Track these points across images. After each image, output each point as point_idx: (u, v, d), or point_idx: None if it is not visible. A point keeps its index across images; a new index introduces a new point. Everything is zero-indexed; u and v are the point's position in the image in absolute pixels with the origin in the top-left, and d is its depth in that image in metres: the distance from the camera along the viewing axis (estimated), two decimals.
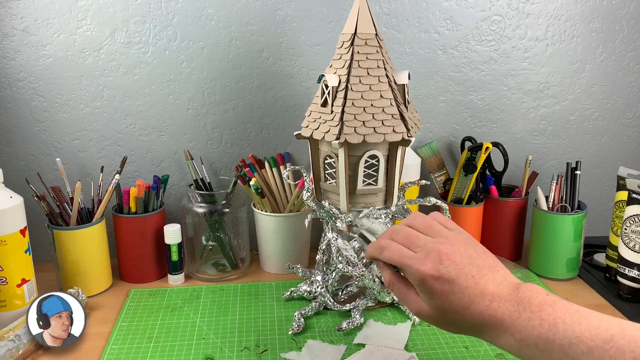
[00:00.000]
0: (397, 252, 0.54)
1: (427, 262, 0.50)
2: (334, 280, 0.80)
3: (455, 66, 1.00)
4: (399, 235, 0.55)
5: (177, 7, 0.92)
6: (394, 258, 0.54)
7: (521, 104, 1.04)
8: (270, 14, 0.94)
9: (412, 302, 0.54)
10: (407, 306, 0.55)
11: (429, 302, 0.51)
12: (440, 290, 0.50)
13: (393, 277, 0.56)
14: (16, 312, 0.77)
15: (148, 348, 0.73)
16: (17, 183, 0.93)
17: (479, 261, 0.51)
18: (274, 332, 0.77)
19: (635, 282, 0.83)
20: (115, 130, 0.97)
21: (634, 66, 1.04)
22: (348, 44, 0.75)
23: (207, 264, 0.94)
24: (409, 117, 0.77)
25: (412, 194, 0.97)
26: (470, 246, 0.52)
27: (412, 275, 0.51)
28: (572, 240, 0.91)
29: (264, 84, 0.97)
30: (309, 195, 0.79)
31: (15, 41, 0.90)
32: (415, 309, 0.53)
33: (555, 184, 0.93)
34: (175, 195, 1.01)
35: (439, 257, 0.50)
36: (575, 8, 1.00)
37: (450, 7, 0.97)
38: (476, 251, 0.52)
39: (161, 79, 0.95)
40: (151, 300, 0.86)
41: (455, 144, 1.05)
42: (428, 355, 0.71)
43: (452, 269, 0.50)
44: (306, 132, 0.77)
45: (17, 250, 0.76)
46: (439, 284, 0.50)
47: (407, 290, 0.54)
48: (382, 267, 0.57)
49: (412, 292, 0.54)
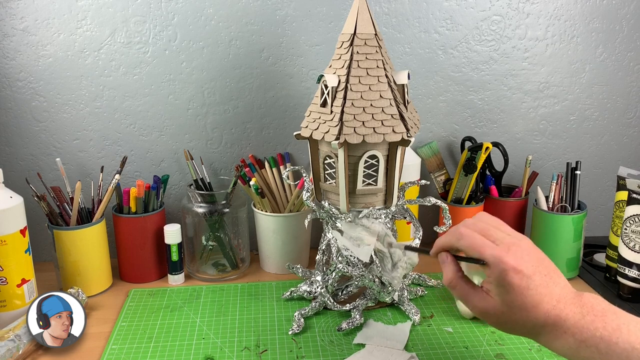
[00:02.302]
0: (479, 239, 0.53)
1: (510, 254, 0.50)
2: (334, 280, 0.80)
3: (455, 66, 1.00)
4: (475, 227, 0.55)
5: (177, 7, 0.92)
6: (476, 245, 0.52)
7: (521, 104, 1.04)
8: (270, 14, 0.94)
9: (478, 300, 0.53)
10: (470, 304, 0.54)
11: (502, 296, 0.51)
12: (518, 284, 0.50)
13: (458, 274, 0.55)
14: (16, 312, 0.77)
15: (148, 348, 0.73)
16: (17, 183, 0.93)
17: (547, 263, 0.52)
18: (274, 332, 0.77)
19: (635, 282, 0.83)
20: (115, 130, 0.97)
21: (634, 66, 1.04)
22: (347, 44, 0.75)
23: (207, 264, 0.94)
24: (409, 117, 0.77)
25: (412, 194, 0.97)
26: (538, 250, 0.54)
27: (495, 265, 0.51)
28: (572, 240, 0.91)
29: (264, 84, 0.97)
30: (309, 196, 0.79)
31: (15, 41, 0.90)
32: (482, 307, 0.53)
33: (555, 184, 0.93)
34: (175, 195, 1.01)
35: (521, 252, 0.51)
36: (575, 8, 1.00)
37: (450, 7, 0.97)
38: (543, 255, 0.53)
39: (161, 79, 0.95)
40: (151, 300, 0.86)
41: (455, 144, 1.05)
42: (428, 355, 0.71)
43: (530, 265, 0.50)
44: (306, 132, 0.77)
45: (17, 250, 0.76)
46: (518, 278, 0.50)
47: (472, 289, 0.54)
48: (450, 262, 0.56)
49: (478, 290, 0.54)
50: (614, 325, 0.47)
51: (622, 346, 0.46)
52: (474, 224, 0.55)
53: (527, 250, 0.51)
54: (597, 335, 0.47)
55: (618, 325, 0.47)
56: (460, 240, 0.54)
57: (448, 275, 0.56)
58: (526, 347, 0.72)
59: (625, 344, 0.46)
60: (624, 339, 0.47)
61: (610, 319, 0.48)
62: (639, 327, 0.47)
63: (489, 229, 0.54)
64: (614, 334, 0.47)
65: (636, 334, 0.47)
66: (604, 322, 0.48)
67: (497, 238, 0.53)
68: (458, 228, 0.56)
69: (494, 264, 0.51)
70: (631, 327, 0.47)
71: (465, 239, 0.54)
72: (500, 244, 0.52)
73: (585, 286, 0.92)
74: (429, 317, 0.81)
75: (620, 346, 0.46)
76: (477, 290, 0.54)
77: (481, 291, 0.53)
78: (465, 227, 0.55)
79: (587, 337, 0.48)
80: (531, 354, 0.71)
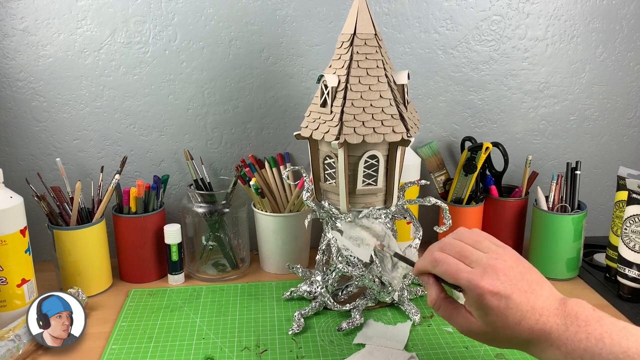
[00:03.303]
0: (453, 265, 0.53)
1: (485, 278, 0.50)
2: (334, 280, 0.80)
3: (455, 66, 1.00)
4: (452, 249, 0.55)
5: (177, 7, 0.92)
6: (451, 272, 0.53)
7: (521, 104, 1.04)
8: (270, 14, 0.94)
9: (461, 320, 0.53)
10: (455, 324, 0.54)
11: (483, 318, 0.51)
12: (497, 306, 0.50)
13: (441, 295, 0.55)
14: (16, 312, 0.77)
15: (148, 348, 0.73)
16: (17, 183, 0.93)
17: (528, 276, 0.52)
18: (274, 332, 0.77)
19: (635, 282, 0.83)
20: (115, 130, 0.97)
21: (634, 66, 1.04)
22: (347, 44, 0.75)
23: (207, 264, 0.94)
24: (409, 117, 0.77)
25: (412, 194, 0.97)
26: (520, 262, 0.53)
27: (471, 290, 0.51)
28: (572, 240, 0.91)
29: (264, 84, 0.97)
30: (309, 196, 0.79)
31: (15, 41, 0.90)
32: (466, 327, 0.53)
33: (555, 184, 0.93)
34: (175, 195, 1.01)
35: (496, 273, 0.50)
36: (575, 8, 1.00)
37: (450, 7, 0.97)
38: (524, 267, 0.53)
39: (161, 79, 0.95)
40: (151, 300, 0.86)
41: (455, 144, 1.05)
42: (428, 355, 0.71)
43: (507, 285, 0.50)
44: (306, 132, 0.77)
45: (17, 250, 0.76)
46: (496, 300, 0.50)
47: (455, 309, 0.54)
48: (432, 284, 0.56)
49: (461, 310, 0.54)
50: (597, 335, 0.47)
51: (606, 357, 0.46)
52: (451, 246, 0.55)
53: (505, 269, 0.51)
54: (582, 347, 0.47)
55: (601, 335, 0.47)
56: (435, 267, 0.55)
57: (431, 297, 0.56)
58: None
59: (609, 355, 0.46)
60: (607, 349, 0.46)
61: (593, 328, 0.48)
62: (622, 335, 0.47)
63: (465, 250, 0.54)
64: (597, 344, 0.47)
65: (619, 343, 0.46)
66: (587, 333, 0.47)
67: (473, 260, 0.52)
68: (433, 253, 0.55)
69: (469, 289, 0.51)
70: (614, 336, 0.47)
71: (440, 265, 0.54)
72: (476, 266, 0.52)
73: (585, 286, 0.92)
74: (429, 317, 0.81)
75: (604, 357, 0.46)
76: (461, 311, 0.54)
77: (464, 312, 0.53)
78: (440, 252, 0.55)
79: (571, 349, 0.48)
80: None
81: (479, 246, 0.54)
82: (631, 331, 0.47)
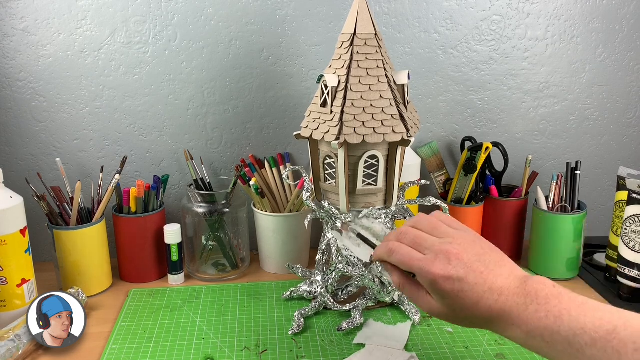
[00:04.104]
0: (406, 255, 0.54)
1: (436, 264, 0.51)
2: (334, 280, 0.80)
3: (455, 66, 1.00)
4: (407, 238, 0.56)
5: (177, 7, 0.92)
6: (404, 261, 0.54)
7: (521, 104, 1.04)
8: (270, 14, 0.94)
9: (423, 302, 0.54)
10: (419, 306, 0.55)
11: (441, 301, 0.52)
12: (451, 289, 0.50)
13: (403, 279, 0.56)
14: (16, 312, 0.77)
15: (148, 348, 0.73)
16: (17, 183, 0.93)
17: (486, 257, 0.52)
18: (274, 332, 0.77)
19: (635, 282, 0.83)
20: (115, 130, 0.97)
21: (634, 66, 1.04)
22: (347, 44, 0.75)
23: (207, 264, 0.94)
24: (409, 117, 0.77)
25: (412, 194, 0.97)
26: (477, 243, 0.53)
27: (423, 277, 0.52)
28: (572, 240, 0.91)
29: (264, 84, 0.97)
30: (309, 196, 0.79)
31: (15, 41, 0.90)
32: (427, 308, 0.54)
33: (555, 184, 0.93)
34: (175, 195, 1.01)
35: (448, 258, 0.51)
36: (575, 8, 1.00)
37: (450, 7, 0.97)
38: (482, 248, 0.53)
39: (161, 79, 0.95)
40: (151, 300, 0.86)
41: (455, 144, 1.05)
42: (428, 355, 0.71)
43: (460, 268, 0.50)
44: (306, 132, 0.77)
45: (17, 250, 0.76)
46: (449, 284, 0.50)
47: (417, 291, 0.55)
48: (391, 269, 0.57)
49: (422, 292, 0.54)
50: (556, 313, 0.47)
51: (564, 334, 0.46)
52: (406, 234, 0.56)
53: (459, 252, 0.51)
54: (541, 326, 0.47)
55: (560, 312, 0.47)
56: (390, 256, 0.56)
57: (394, 281, 0.57)
58: None
59: (567, 332, 0.46)
60: (565, 326, 0.46)
61: (552, 306, 0.47)
62: (580, 311, 0.46)
63: (418, 237, 0.55)
64: (556, 322, 0.46)
65: (577, 319, 0.46)
66: (547, 311, 0.47)
67: (426, 247, 0.53)
68: (389, 242, 0.56)
69: (421, 276, 0.52)
70: (572, 312, 0.46)
71: (394, 255, 0.55)
72: (428, 253, 0.52)
73: (585, 286, 0.92)
74: (429, 317, 0.81)
75: (563, 334, 0.46)
76: (422, 293, 0.54)
77: (425, 294, 0.54)
78: (394, 241, 0.56)
79: (532, 327, 0.47)
80: (531, 353, 0.71)
81: (436, 232, 0.55)
82: (590, 306, 0.47)
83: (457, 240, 0.53)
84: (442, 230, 0.55)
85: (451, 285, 0.50)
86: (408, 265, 0.53)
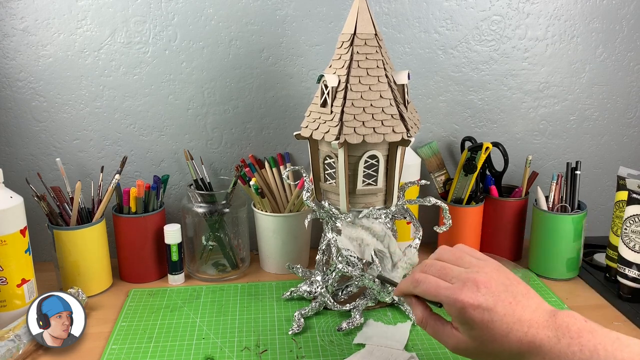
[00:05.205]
0: (433, 284, 0.53)
1: (464, 291, 0.50)
2: (334, 280, 0.80)
3: (455, 66, 1.00)
4: (432, 269, 0.55)
5: (177, 7, 0.92)
6: (431, 290, 0.53)
7: (521, 104, 1.04)
8: (270, 14, 0.94)
9: (448, 337, 0.53)
10: (444, 342, 0.54)
11: (468, 332, 0.51)
12: (480, 319, 0.49)
13: (426, 313, 0.56)
14: (16, 312, 0.77)
15: (148, 348, 0.73)
16: (17, 183, 0.93)
17: (513, 288, 0.51)
18: (274, 332, 0.77)
19: (635, 282, 0.83)
20: (115, 130, 0.97)
21: (634, 66, 1.04)
22: (347, 44, 0.75)
23: (207, 264, 0.94)
24: (409, 117, 0.77)
25: (412, 194, 0.97)
26: (502, 273, 0.53)
27: (451, 305, 0.51)
28: (572, 240, 0.91)
29: (264, 84, 0.97)
30: (309, 196, 0.79)
31: (15, 41, 0.90)
32: (453, 343, 0.53)
33: (555, 184, 0.93)
34: (175, 195, 1.01)
35: (476, 286, 0.50)
36: (575, 8, 1.00)
37: (450, 7, 0.97)
38: (508, 278, 0.52)
39: (161, 79, 0.95)
40: (151, 300, 0.86)
41: (455, 144, 1.05)
42: (428, 355, 0.71)
43: (489, 297, 0.50)
44: (306, 132, 0.77)
45: (17, 250, 0.76)
46: (479, 313, 0.49)
47: (442, 326, 0.54)
48: (415, 303, 0.56)
49: (447, 326, 0.54)
50: (591, 347, 0.46)
51: None
52: (432, 266, 0.55)
53: (486, 281, 0.50)
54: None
55: (595, 347, 0.46)
56: (416, 287, 0.55)
57: (417, 316, 0.56)
58: None
59: None
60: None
61: (586, 340, 0.47)
62: (616, 346, 0.46)
63: (445, 268, 0.54)
64: (592, 357, 0.46)
65: (614, 355, 0.45)
66: (581, 345, 0.47)
67: (453, 276, 0.52)
68: (414, 274, 0.56)
69: (449, 305, 0.51)
70: (608, 347, 0.46)
71: (420, 285, 0.54)
72: (456, 281, 0.52)
73: (585, 286, 0.92)
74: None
75: None
76: (447, 328, 0.54)
77: (451, 328, 0.53)
78: (420, 272, 0.55)
79: None
80: None
81: (460, 262, 0.55)
82: (625, 342, 0.47)
83: (483, 269, 0.52)
84: (467, 260, 0.55)
85: (480, 314, 0.49)
86: (435, 294, 0.52)
